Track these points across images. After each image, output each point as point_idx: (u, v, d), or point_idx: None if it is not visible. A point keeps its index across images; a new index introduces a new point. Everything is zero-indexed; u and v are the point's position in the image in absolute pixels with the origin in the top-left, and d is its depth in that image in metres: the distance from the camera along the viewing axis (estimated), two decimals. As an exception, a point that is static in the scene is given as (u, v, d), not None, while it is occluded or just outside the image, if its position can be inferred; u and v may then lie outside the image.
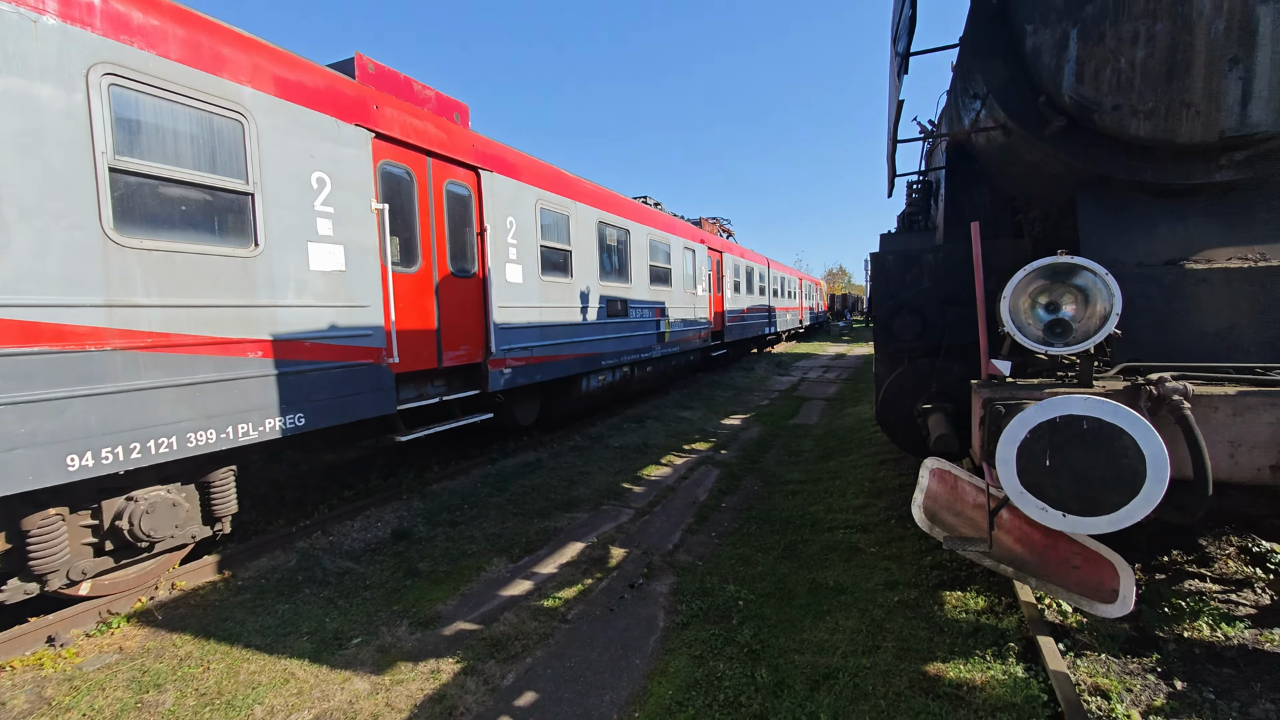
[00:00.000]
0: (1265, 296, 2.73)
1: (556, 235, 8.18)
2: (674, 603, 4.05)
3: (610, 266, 9.73)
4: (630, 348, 10.20)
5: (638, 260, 10.56)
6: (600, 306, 9.24)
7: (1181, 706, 2.55)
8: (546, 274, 7.89)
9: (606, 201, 9.56)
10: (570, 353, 8.38)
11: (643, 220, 10.84)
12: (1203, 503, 2.20)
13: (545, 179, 7.90)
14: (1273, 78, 2.86)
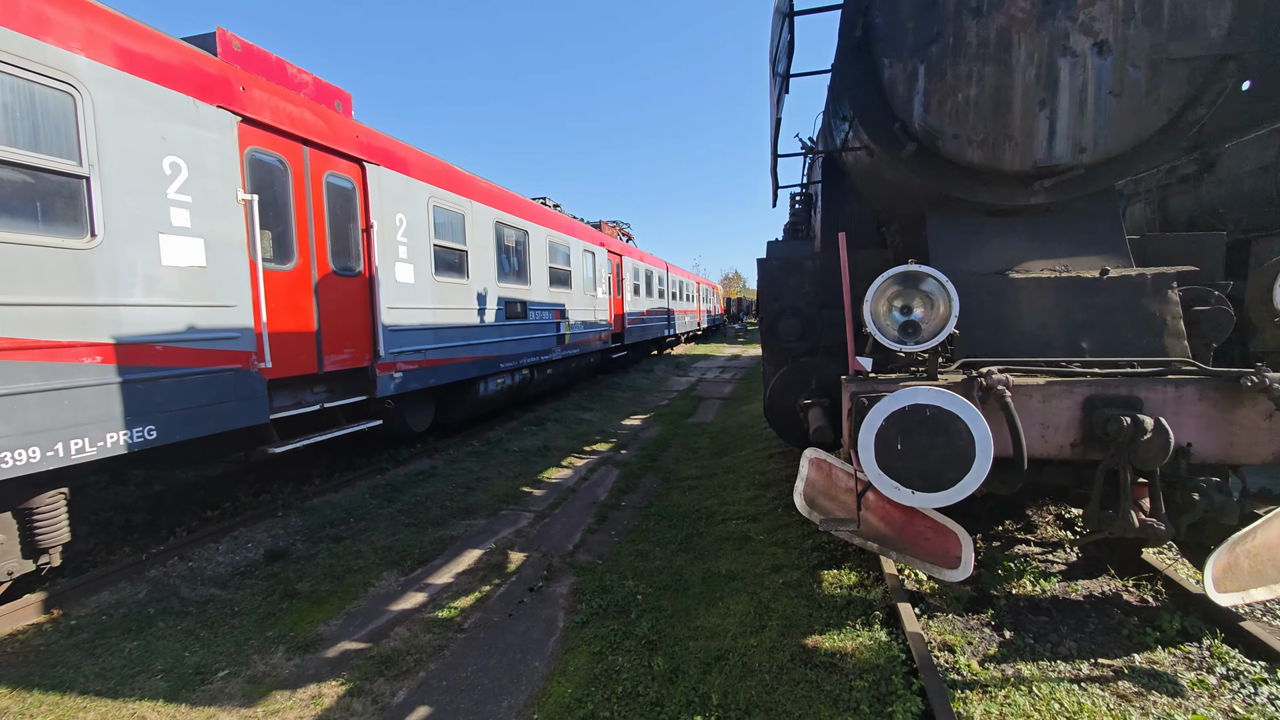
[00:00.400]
0: (1065, 301, 3.27)
1: (451, 234, 7.91)
2: (574, 602, 4.07)
3: (509, 268, 9.56)
4: (530, 350, 10.07)
5: (537, 262, 10.46)
6: (498, 308, 9.05)
7: (1009, 652, 2.97)
8: (441, 274, 7.61)
9: (504, 201, 9.39)
10: (467, 355, 8.13)
11: (542, 221, 10.75)
12: (1021, 476, 2.60)
13: (439, 176, 7.62)
14: (1069, 118, 3.42)
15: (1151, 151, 3.47)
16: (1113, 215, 3.66)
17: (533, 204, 10.67)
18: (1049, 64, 3.45)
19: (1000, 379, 2.67)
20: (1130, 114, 3.39)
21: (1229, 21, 3.24)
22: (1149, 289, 3.18)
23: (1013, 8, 3.47)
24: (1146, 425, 2.47)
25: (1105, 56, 3.38)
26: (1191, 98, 3.36)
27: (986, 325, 3.34)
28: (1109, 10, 3.35)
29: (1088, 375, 2.83)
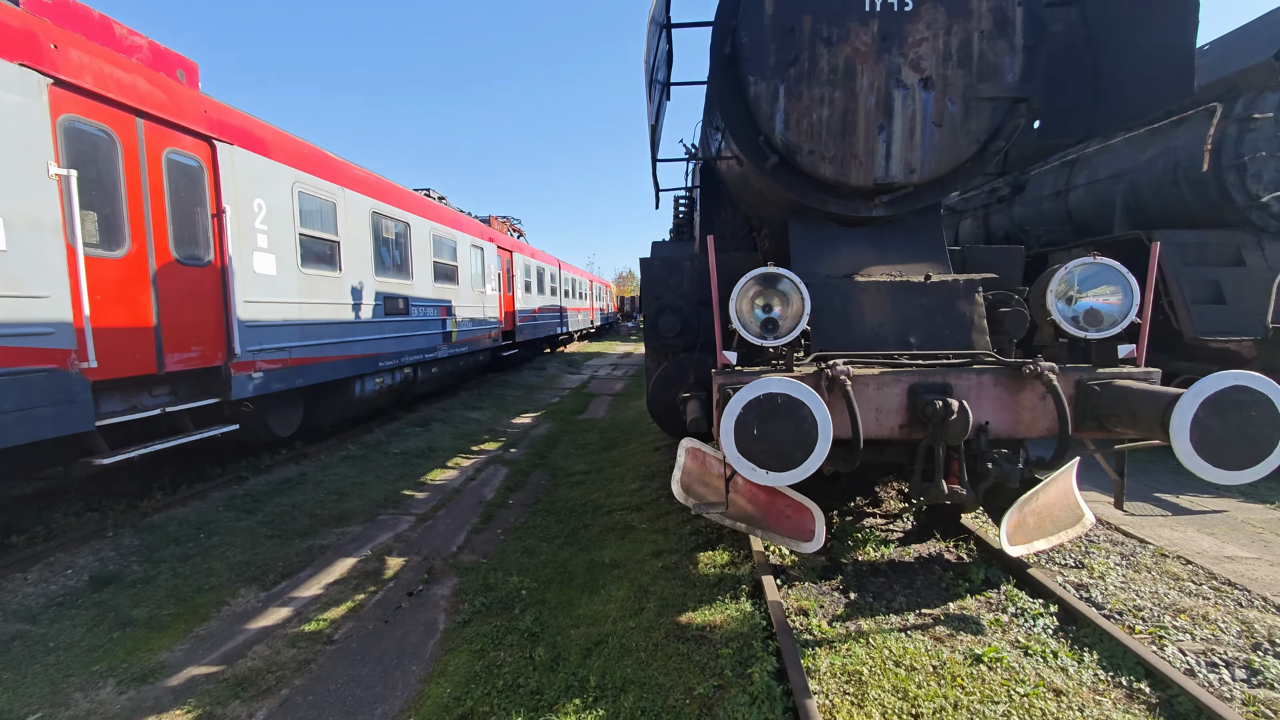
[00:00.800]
0: (898, 302, 3.75)
1: (321, 224, 7.36)
2: (456, 603, 4.00)
3: (389, 261, 9.06)
4: (413, 348, 9.62)
5: (420, 256, 10.00)
6: (377, 304, 8.55)
7: (853, 611, 3.36)
8: (309, 266, 7.06)
9: (382, 191, 8.88)
10: (340, 354, 7.62)
11: (425, 214, 10.30)
12: (859, 454, 2.96)
13: (305, 160, 7.06)
14: (901, 144, 3.92)
15: (965, 175, 4.07)
16: (936, 228, 4.24)
17: (415, 195, 10.19)
18: (886, 94, 3.93)
19: (843, 370, 3.02)
20: (949, 142, 3.95)
21: (1020, 71, 3.89)
22: (961, 292, 3.73)
23: (857, 40, 3.91)
24: (954, 407, 2.92)
25: (929, 91, 3.91)
26: (994, 131, 3.98)
27: (836, 322, 3.74)
28: (932, 51, 3.88)
29: (913, 366, 3.28)
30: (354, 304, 7.99)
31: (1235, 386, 2.43)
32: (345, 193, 7.86)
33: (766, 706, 2.51)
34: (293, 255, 6.76)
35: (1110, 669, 2.76)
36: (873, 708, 2.53)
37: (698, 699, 2.66)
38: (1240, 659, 2.87)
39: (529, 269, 17.71)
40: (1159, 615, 3.26)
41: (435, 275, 10.57)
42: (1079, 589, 3.57)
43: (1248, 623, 3.16)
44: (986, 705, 2.52)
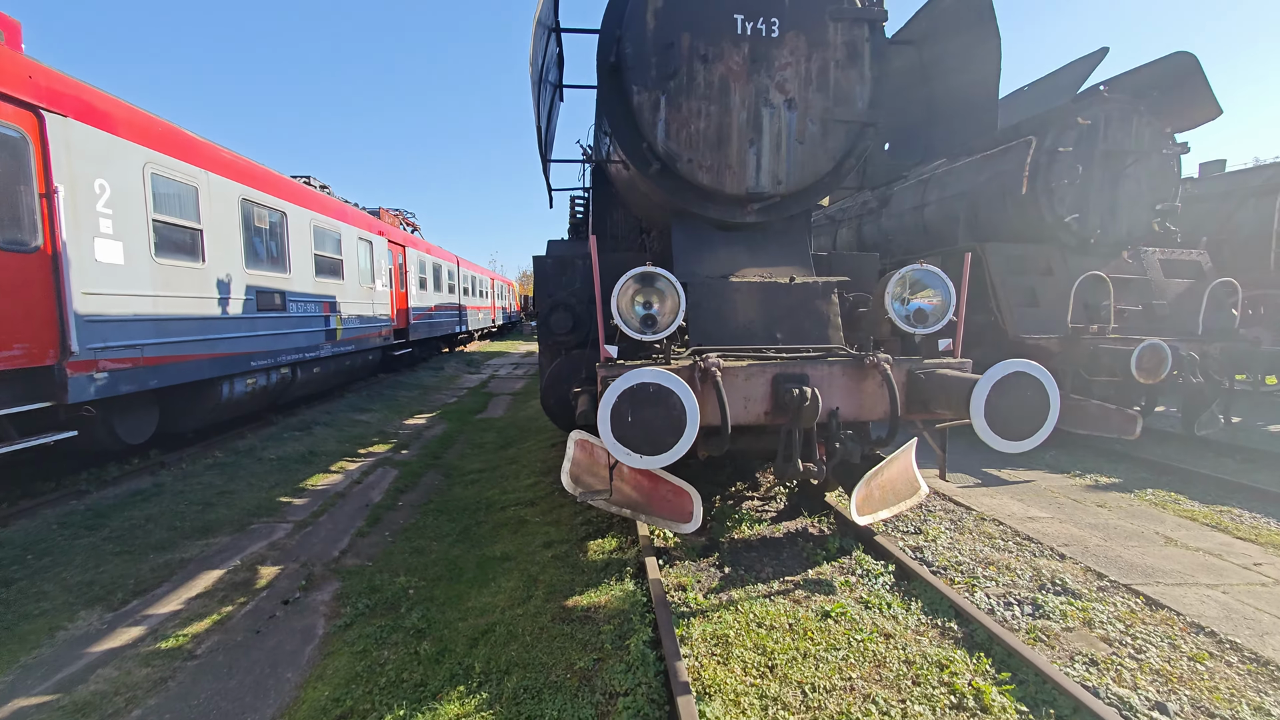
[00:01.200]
0: (767, 301, 4.13)
1: (180, 210, 6.71)
2: (337, 607, 3.88)
3: (262, 253, 8.41)
4: (291, 346, 8.99)
5: (299, 248, 9.36)
6: (248, 298, 7.92)
7: (726, 583, 3.67)
8: (166, 256, 6.42)
9: (254, 176, 8.22)
10: (204, 352, 6.99)
11: (305, 203, 9.64)
12: (727, 440, 3.25)
13: (160, 138, 6.41)
14: (769, 157, 4.32)
15: (824, 187, 4.55)
16: (802, 235, 4.69)
17: (293, 183, 9.52)
18: (756, 111, 4.30)
19: (714, 362, 3.30)
20: (810, 158, 4.39)
21: (869, 98, 4.41)
22: (820, 293, 4.17)
23: (730, 60, 4.25)
24: (809, 395, 3.29)
25: (793, 111, 4.33)
26: (848, 150, 4.48)
27: (713, 318, 4.05)
28: (795, 75, 4.31)
29: (777, 359, 3.64)
30: (221, 298, 7.35)
31: (1015, 373, 2.97)
32: (209, 177, 7.21)
33: (640, 671, 2.72)
34: (145, 243, 6.12)
35: (930, 613, 3.25)
36: (735, 664, 2.81)
37: (578, 672, 2.81)
38: (1029, 598, 3.48)
39: (424, 265, 17.03)
40: (973, 568, 3.86)
41: (317, 269, 9.93)
42: (915, 550, 4.13)
43: (1038, 569, 3.83)
44: (830, 652, 2.89)
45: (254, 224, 8.21)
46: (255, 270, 8.13)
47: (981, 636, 2.98)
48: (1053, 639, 3.08)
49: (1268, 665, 2.82)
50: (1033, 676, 2.63)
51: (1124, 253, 7.58)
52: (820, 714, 2.47)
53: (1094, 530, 4.50)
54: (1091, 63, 7.90)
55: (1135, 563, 3.93)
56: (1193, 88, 7.25)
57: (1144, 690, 2.65)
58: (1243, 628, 3.14)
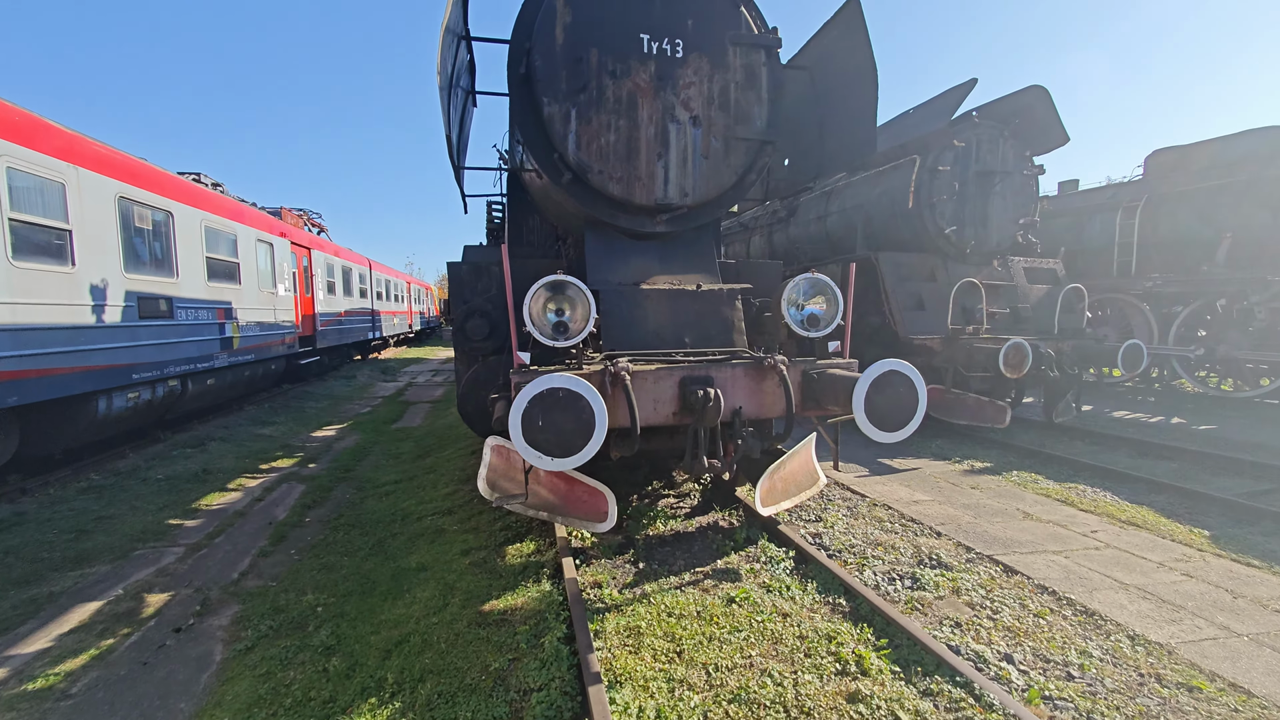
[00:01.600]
0: (676, 307, 4.35)
1: (43, 208, 6.08)
2: (236, 631, 3.70)
3: (145, 256, 7.75)
4: (180, 356, 8.32)
5: (188, 250, 8.68)
6: (128, 305, 7.27)
7: (641, 578, 3.83)
8: (25, 259, 5.81)
9: (133, 172, 7.57)
10: (75, 364, 6.36)
11: (194, 202, 8.96)
12: (637, 440, 3.41)
13: (15, 129, 5.79)
14: (676, 170, 4.55)
15: (728, 200, 4.84)
16: (709, 244, 4.96)
17: (180, 180, 8.82)
18: (663, 127, 4.52)
19: (624, 366, 3.45)
20: (714, 172, 4.66)
21: (766, 118, 4.74)
22: (725, 299, 4.44)
23: (638, 77, 4.44)
24: (713, 395, 3.52)
25: (698, 128, 4.58)
26: (749, 166, 4.80)
27: (624, 324, 4.21)
28: (699, 95, 4.56)
29: (684, 362, 3.85)
30: (95, 305, 6.71)
31: (889, 371, 3.33)
32: (79, 172, 6.57)
33: (554, 666, 2.81)
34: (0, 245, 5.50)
35: (824, 592, 3.56)
36: (645, 652, 2.97)
37: (493, 673, 2.87)
38: (909, 573, 3.88)
39: (332, 268, 16.18)
40: (864, 549, 4.24)
41: (209, 273, 9.25)
42: (814, 537, 4.48)
43: (918, 547, 4.27)
44: (733, 634, 3.11)
45: (134, 224, 7.55)
46: (136, 275, 7.48)
47: (866, 610, 3.30)
48: (926, 607, 3.46)
49: (1094, 616, 3.32)
50: (906, 641, 2.97)
51: (994, 261, 8.49)
52: (721, 690, 2.67)
53: (967, 510, 5.06)
54: (963, 91, 8.80)
55: (998, 536, 4.46)
56: (1045, 117, 8.25)
57: (996, 645, 3.05)
58: (1078, 586, 3.66)
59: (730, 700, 2.59)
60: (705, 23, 4.52)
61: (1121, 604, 3.43)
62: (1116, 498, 5.33)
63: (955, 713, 2.46)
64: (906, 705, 2.48)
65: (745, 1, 4.68)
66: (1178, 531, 4.55)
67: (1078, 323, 8.06)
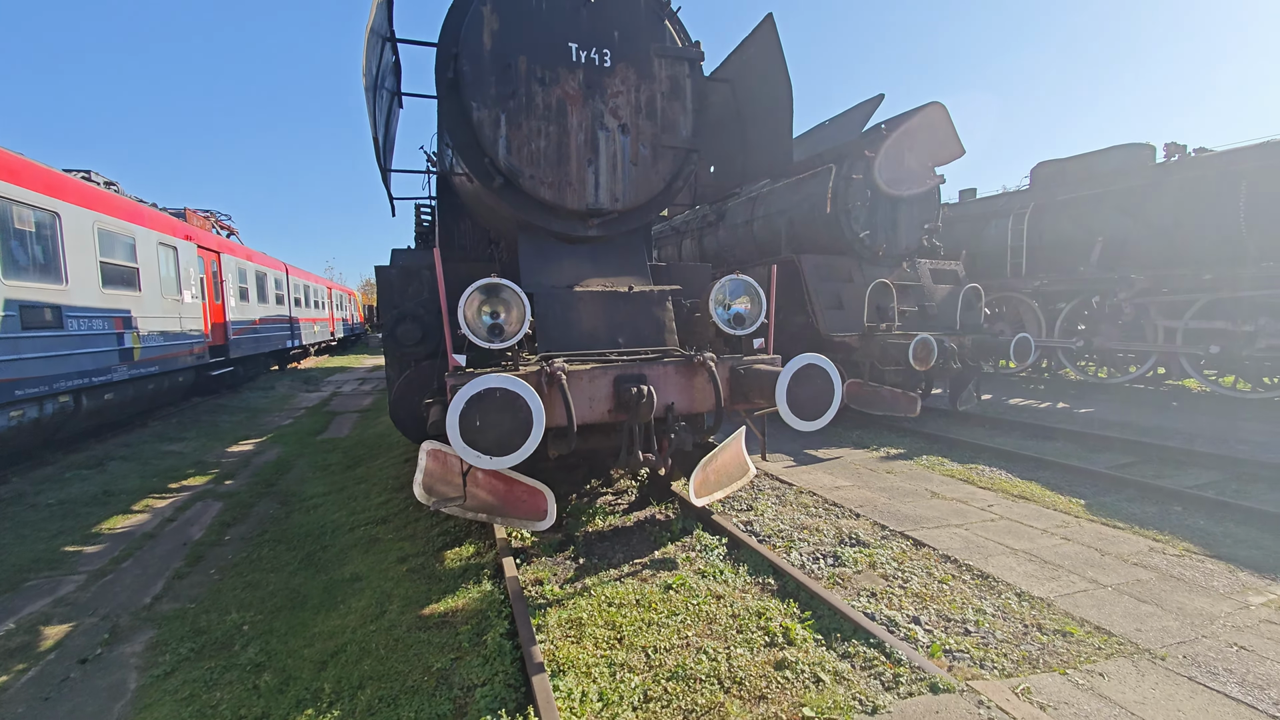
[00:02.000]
0: (609, 309, 4.48)
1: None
2: (153, 657, 3.50)
3: (26, 260, 7.08)
4: (72, 370, 7.64)
5: (79, 255, 7.98)
6: (7, 315, 6.62)
7: (581, 573, 3.93)
8: (-120, 264, 5.19)
9: (9, 169, 6.89)
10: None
11: (85, 202, 8.25)
12: (573, 437, 3.51)
13: None
14: (606, 176, 4.68)
15: (657, 205, 5.02)
16: (640, 247, 5.13)
17: (67, 178, 8.10)
18: (593, 133, 4.65)
19: (559, 367, 3.55)
20: (643, 178, 4.84)
21: (691, 128, 4.97)
22: (656, 300, 4.62)
23: (566, 85, 4.54)
24: (645, 392, 3.67)
25: (626, 135, 4.74)
26: (676, 173, 5.00)
27: (559, 326, 4.30)
28: (627, 103, 4.72)
29: (618, 361, 3.98)
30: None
31: (808, 365, 3.60)
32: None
33: (497, 661, 2.87)
34: None
35: (755, 574, 3.79)
36: (587, 641, 3.08)
37: (435, 673, 2.88)
38: (832, 551, 4.18)
39: (245, 273, 15.23)
40: (792, 533, 4.53)
41: (105, 279, 8.53)
42: (746, 524, 4.73)
43: (840, 528, 4.60)
44: (670, 617, 3.27)
45: (13, 226, 6.88)
46: (17, 281, 6.82)
47: (792, 587, 3.55)
48: (846, 581, 3.76)
49: (989, 579, 3.72)
50: (828, 612, 3.23)
51: (904, 263, 9.17)
52: (660, 670, 2.81)
53: (883, 492, 5.48)
54: (872, 105, 9.47)
55: (909, 514, 4.87)
56: (944, 131, 9.01)
57: (906, 610, 3.37)
58: (976, 554, 4.08)
59: (669, 678, 2.74)
60: (631, 34, 4.69)
61: (1011, 567, 3.86)
62: (1010, 475, 5.93)
63: (869, 669, 2.72)
64: (827, 667, 2.72)
65: (669, 15, 4.89)
66: (1059, 502, 5.13)
67: (977, 319, 8.85)
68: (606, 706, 2.58)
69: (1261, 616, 3.20)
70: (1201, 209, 9.24)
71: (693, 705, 2.56)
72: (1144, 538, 4.31)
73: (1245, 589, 3.52)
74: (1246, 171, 8.71)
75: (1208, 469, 5.98)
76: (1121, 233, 10.38)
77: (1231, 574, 3.72)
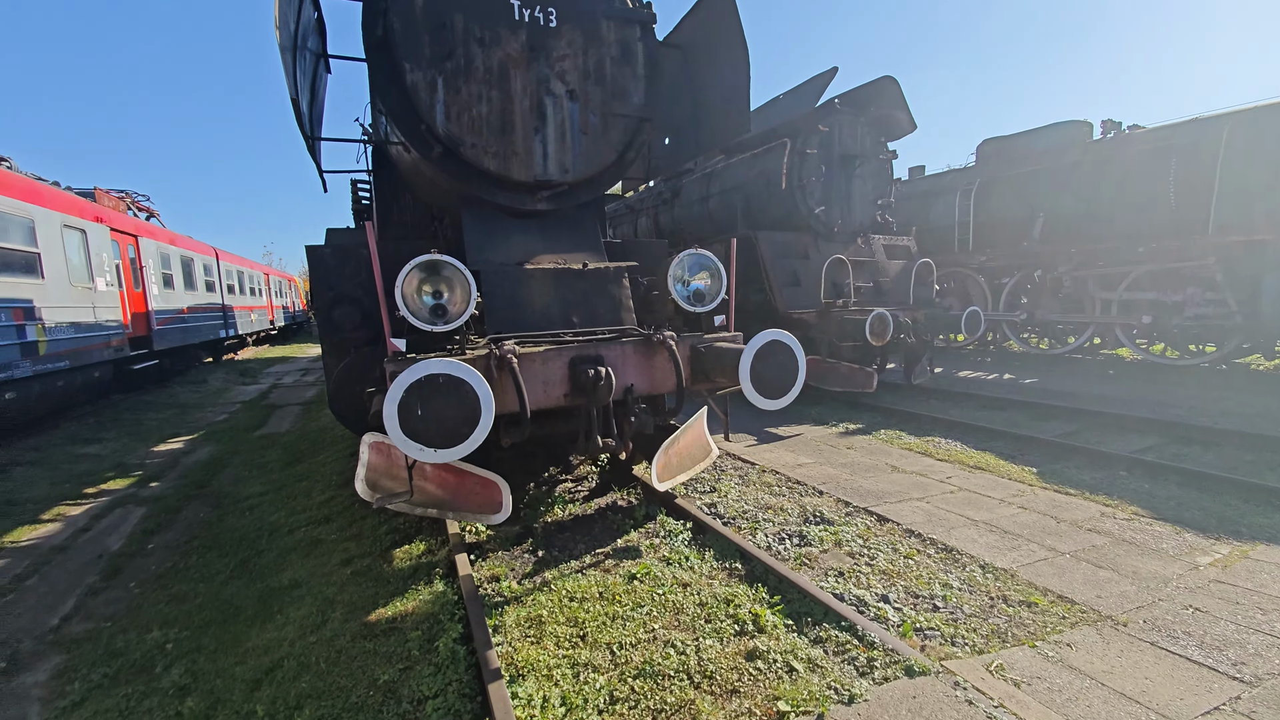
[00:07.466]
0: (562, 287, 4.23)
1: None
2: (60, 686, 3.13)
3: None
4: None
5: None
6: (-123, 308, 5.83)
7: (540, 566, 3.73)
8: None
9: None
10: None
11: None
12: (528, 424, 3.28)
13: None
14: (555, 145, 4.40)
15: (609, 178, 4.77)
16: (593, 222, 4.87)
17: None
18: (539, 99, 4.33)
19: (510, 349, 3.29)
20: (594, 148, 4.57)
21: (643, 95, 4.71)
22: (611, 277, 4.39)
23: (509, 46, 4.21)
24: (604, 374, 3.46)
25: (575, 102, 4.45)
26: (628, 143, 4.75)
27: (509, 306, 4.03)
28: (574, 68, 4.42)
29: (574, 342, 3.75)
30: None
31: (771, 341, 3.46)
32: None
33: (450, 669, 2.65)
34: None
35: (721, 559, 3.67)
36: (548, 640, 2.89)
37: (382, 686, 2.64)
38: (797, 531, 4.11)
39: (169, 259, 14.12)
40: (756, 514, 4.44)
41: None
42: (710, 507, 4.61)
43: (804, 506, 4.54)
44: (635, 610, 3.11)
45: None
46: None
47: (760, 570, 3.45)
48: (813, 561, 3.69)
49: (953, 552, 3.71)
50: (797, 595, 3.14)
51: (859, 239, 9.20)
52: (626, 668, 2.66)
53: (844, 468, 5.47)
54: (826, 79, 9.38)
55: (871, 489, 4.87)
56: (896, 105, 9.01)
57: (874, 588, 3.32)
58: (938, 527, 4.09)
59: (635, 676, 2.58)
60: (578, -8, 4.37)
61: (973, 538, 3.87)
62: (965, 446, 6.03)
63: (842, 655, 2.63)
64: (800, 654, 2.62)
65: (618, -27, 4.58)
66: (1013, 471, 5.23)
67: (929, 294, 8.97)
68: (570, 712, 2.41)
69: (1210, 577, 3.29)
70: (1135, 184, 9.60)
71: (661, 704, 2.41)
72: (1094, 503, 4.42)
73: (1193, 550, 3.63)
74: (1176, 147, 9.08)
75: (1145, 434, 6.23)
76: (1061, 208, 10.71)
77: (1178, 535, 3.84)
